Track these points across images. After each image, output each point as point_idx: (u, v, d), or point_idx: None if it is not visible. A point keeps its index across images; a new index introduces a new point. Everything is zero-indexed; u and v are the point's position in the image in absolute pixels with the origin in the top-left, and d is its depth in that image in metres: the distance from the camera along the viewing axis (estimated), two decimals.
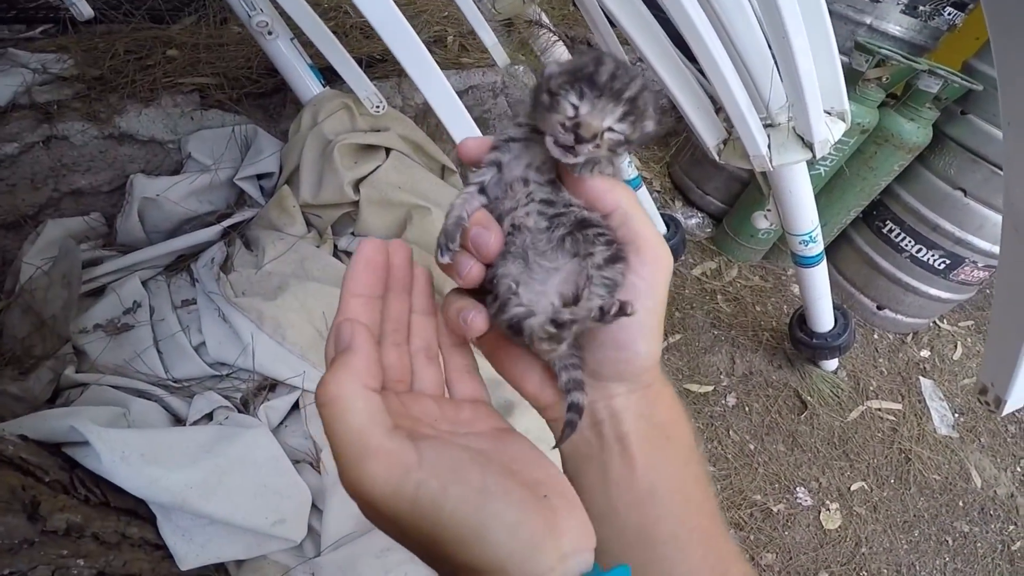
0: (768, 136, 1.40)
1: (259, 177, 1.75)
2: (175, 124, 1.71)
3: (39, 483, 0.98)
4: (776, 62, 1.28)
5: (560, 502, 0.35)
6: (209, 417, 1.36)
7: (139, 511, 1.16)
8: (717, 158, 1.55)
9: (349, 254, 1.63)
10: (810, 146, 1.38)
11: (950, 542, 2.01)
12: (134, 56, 1.77)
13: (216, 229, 1.63)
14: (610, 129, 0.40)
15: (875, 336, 2.58)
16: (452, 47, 2.25)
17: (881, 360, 2.50)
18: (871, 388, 2.37)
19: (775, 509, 1.94)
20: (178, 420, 1.37)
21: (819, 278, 1.85)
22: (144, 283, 1.53)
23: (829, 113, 1.40)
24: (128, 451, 1.10)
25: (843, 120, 1.42)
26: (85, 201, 1.68)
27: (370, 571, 1.22)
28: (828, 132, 1.37)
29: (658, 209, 2.26)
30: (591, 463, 0.42)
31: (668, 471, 0.42)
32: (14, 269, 1.53)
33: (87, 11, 1.68)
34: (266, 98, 1.86)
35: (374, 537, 1.25)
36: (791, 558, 1.85)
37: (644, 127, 0.41)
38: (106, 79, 1.69)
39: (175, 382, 1.40)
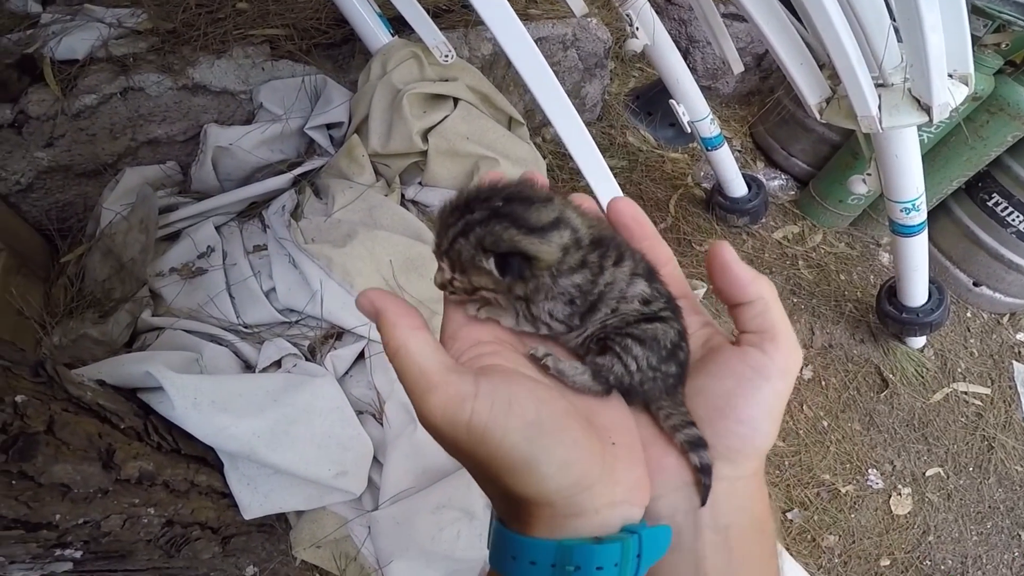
0: (879, 96, 1.32)
1: (329, 127, 1.73)
2: (246, 75, 1.71)
3: (115, 430, 0.99)
4: (894, 19, 1.19)
5: (624, 452, 0.36)
6: (278, 364, 1.37)
7: (208, 458, 1.18)
8: (818, 117, 1.47)
9: (416, 203, 1.61)
10: (927, 109, 1.29)
11: (1023, 536, 1.90)
12: (205, 9, 1.77)
13: (287, 177, 1.64)
14: (453, 279, 0.39)
15: (968, 314, 2.38)
16: None
17: (972, 340, 2.32)
18: (959, 370, 2.21)
19: (843, 490, 1.86)
20: (248, 366, 1.38)
21: (918, 248, 1.74)
22: (217, 229, 1.56)
23: (951, 76, 1.31)
24: (200, 397, 1.11)
25: (966, 84, 1.32)
26: (161, 150, 1.71)
27: (424, 526, 1.22)
28: (950, 96, 1.28)
29: (739, 169, 2.13)
30: (680, 552, 0.38)
31: (760, 567, 0.40)
32: (95, 215, 1.58)
33: None
34: (335, 48, 1.83)
35: (430, 494, 1.24)
36: (854, 541, 1.78)
37: (473, 279, 0.38)
38: (179, 32, 1.70)
39: (246, 327, 1.41)
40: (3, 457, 0.74)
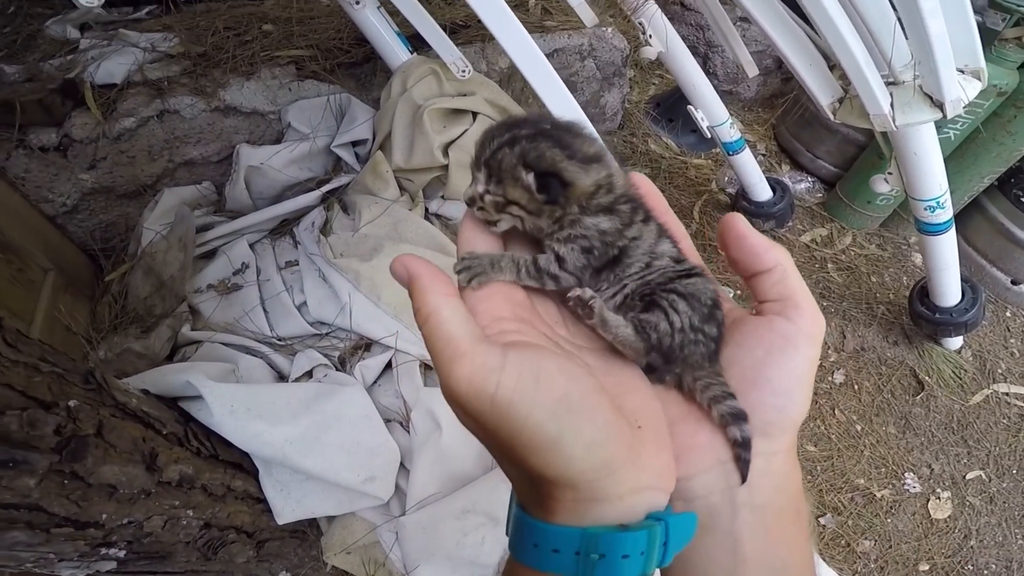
0: (891, 94, 1.31)
1: (354, 144, 1.79)
2: (274, 95, 1.77)
3: (158, 435, 1.04)
4: (899, 17, 1.18)
5: (650, 436, 0.35)
6: (309, 374, 1.41)
7: (244, 464, 1.22)
8: (832, 117, 1.46)
9: (440, 217, 1.65)
10: (940, 106, 1.28)
11: None
12: (233, 32, 1.84)
13: (316, 194, 1.69)
14: (486, 192, 0.39)
15: (1007, 314, 2.31)
16: (535, 11, 2.19)
17: (1013, 340, 2.24)
18: (999, 371, 2.14)
19: (879, 494, 1.81)
20: (281, 377, 1.43)
21: (946, 247, 1.70)
22: (251, 246, 1.62)
23: (962, 71, 1.30)
24: (236, 405, 1.16)
25: (978, 79, 1.31)
26: (197, 171, 1.78)
27: (450, 532, 1.23)
28: (961, 91, 1.27)
29: (763, 173, 2.12)
30: (715, 535, 0.37)
31: (796, 551, 0.39)
32: (136, 234, 1.66)
33: None
34: (357, 67, 1.88)
35: (455, 499, 1.26)
36: (891, 546, 1.74)
37: (507, 191, 0.39)
38: (209, 55, 1.77)
39: (279, 340, 1.46)
40: (57, 457, 0.79)
